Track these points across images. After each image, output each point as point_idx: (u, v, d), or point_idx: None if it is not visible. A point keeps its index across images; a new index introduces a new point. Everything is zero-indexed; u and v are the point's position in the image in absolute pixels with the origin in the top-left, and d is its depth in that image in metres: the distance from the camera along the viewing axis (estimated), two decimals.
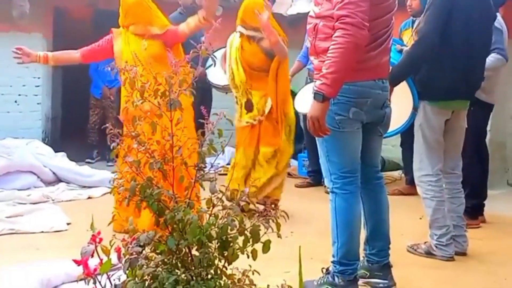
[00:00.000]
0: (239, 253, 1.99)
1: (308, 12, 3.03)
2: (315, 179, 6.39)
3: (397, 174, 6.73)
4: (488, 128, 4.99)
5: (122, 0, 4.25)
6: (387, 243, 3.15)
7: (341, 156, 2.94)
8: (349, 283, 2.94)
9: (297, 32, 6.42)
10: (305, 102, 5.85)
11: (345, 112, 2.85)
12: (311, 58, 3.03)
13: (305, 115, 5.96)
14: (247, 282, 1.99)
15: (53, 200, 5.24)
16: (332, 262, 2.99)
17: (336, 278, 2.95)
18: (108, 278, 1.89)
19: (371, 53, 2.84)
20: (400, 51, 3.84)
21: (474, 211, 4.48)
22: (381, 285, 3.10)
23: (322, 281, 3.02)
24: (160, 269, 1.94)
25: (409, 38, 5.02)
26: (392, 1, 2.91)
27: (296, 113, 6.21)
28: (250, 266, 2.01)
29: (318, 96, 2.66)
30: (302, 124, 6.32)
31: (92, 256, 1.85)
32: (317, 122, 2.68)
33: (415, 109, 3.72)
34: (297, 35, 6.42)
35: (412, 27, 5.23)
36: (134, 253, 1.91)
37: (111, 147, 2.07)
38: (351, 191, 2.94)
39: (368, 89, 2.88)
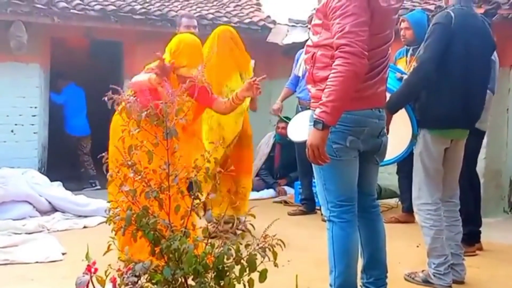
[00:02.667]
0: (235, 283, 1.98)
1: (304, 41, 3.06)
2: (308, 206, 6.39)
3: (393, 201, 6.72)
4: (484, 156, 5.00)
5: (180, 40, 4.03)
6: (384, 271, 3.13)
7: (338, 184, 2.94)
8: None
9: (292, 61, 6.48)
10: (298, 131, 5.88)
11: (342, 141, 2.86)
12: (308, 86, 3.04)
13: (299, 144, 6.02)
14: None
15: (48, 230, 5.21)
16: None
17: None
18: None
19: (369, 82, 2.87)
20: (400, 79, 3.86)
21: (471, 238, 4.46)
22: None
23: None
24: None
25: (406, 66, 5.07)
26: (389, 32, 2.95)
27: (292, 142, 6.26)
28: None
29: (318, 124, 2.67)
30: (296, 153, 6.33)
31: (87, 286, 1.83)
32: (317, 150, 2.69)
33: (414, 137, 3.72)
34: (292, 63, 6.48)
35: (407, 55, 5.28)
36: (129, 283, 1.90)
37: (108, 177, 2.07)
38: (348, 219, 2.92)
39: (365, 118, 2.89)
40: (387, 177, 6.78)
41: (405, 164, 4.57)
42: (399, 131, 3.65)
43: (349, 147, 2.88)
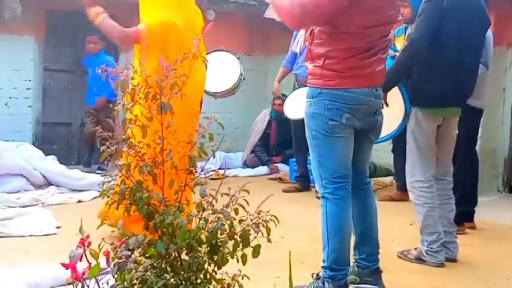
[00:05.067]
0: (229, 258, 1.99)
1: None
2: (302, 184, 6.41)
3: (388, 179, 6.75)
4: (479, 135, 5.01)
5: None
6: (377, 247, 3.15)
7: (333, 161, 2.95)
8: None
9: (289, 37, 6.44)
10: (295, 108, 5.87)
11: (338, 118, 2.87)
12: (306, 63, 3.04)
13: (295, 121, 6.01)
14: (236, 286, 1.98)
15: (42, 203, 5.21)
16: (323, 267, 2.98)
17: (326, 284, 2.94)
18: (97, 282, 1.88)
19: (366, 61, 2.87)
20: (393, 57, 3.85)
21: (462, 217, 4.48)
22: None
23: (312, 287, 3.01)
24: (149, 273, 1.92)
25: (402, 44, 5.05)
26: (393, 13, 2.94)
27: (287, 119, 6.25)
28: (240, 270, 2.00)
29: None
30: (292, 130, 6.33)
31: (81, 259, 1.83)
32: None
33: (407, 115, 3.73)
34: (289, 40, 6.44)
35: (405, 33, 5.25)
36: (123, 257, 1.90)
37: (101, 150, 2.06)
38: (342, 196, 2.94)
39: (362, 96, 2.90)
40: (382, 155, 6.80)
41: (400, 142, 4.58)
42: (392, 109, 3.65)
43: (345, 124, 2.88)
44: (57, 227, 4.39)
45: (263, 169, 7.71)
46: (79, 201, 5.46)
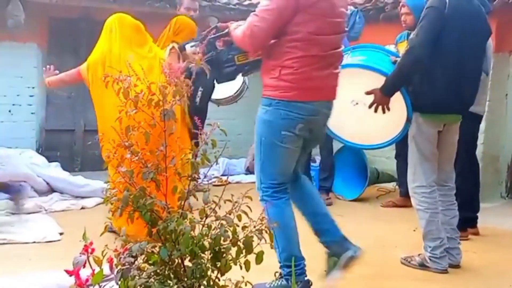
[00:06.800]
0: (232, 264, 1.99)
1: None
2: None
3: (391, 186, 6.73)
4: (482, 141, 5.00)
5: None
6: (331, 220, 3.21)
7: (276, 169, 3.06)
8: (300, 283, 3.00)
9: None
10: None
11: (292, 129, 2.98)
12: (263, 77, 3.20)
13: None
14: None
15: (46, 210, 5.21)
16: (280, 267, 3.04)
17: (287, 281, 3.01)
18: None
19: (321, 73, 2.99)
20: (395, 63, 3.86)
21: (464, 223, 4.46)
22: (350, 253, 3.09)
23: (275, 285, 3.05)
24: (153, 280, 1.93)
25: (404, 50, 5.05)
26: (341, 21, 3.09)
27: None
28: (243, 277, 2.00)
29: None
30: None
31: (84, 266, 1.84)
32: None
33: (409, 120, 3.73)
34: None
35: (408, 39, 5.26)
36: (126, 263, 1.90)
37: (104, 158, 2.07)
38: (280, 197, 3.04)
39: (318, 108, 3.03)
40: (385, 161, 6.79)
41: (403, 148, 4.58)
42: (394, 115, 3.66)
43: (298, 135, 3.00)
44: (61, 234, 4.39)
45: None
46: (83, 208, 5.46)
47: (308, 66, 2.94)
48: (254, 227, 1.99)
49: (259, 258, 1.98)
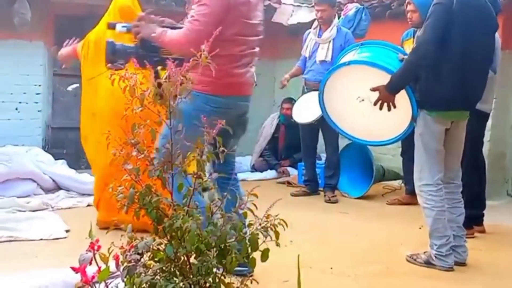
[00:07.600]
0: (237, 262, 1.99)
1: (309, 22, 3.15)
2: (310, 187, 6.39)
3: (396, 183, 6.72)
4: (488, 138, 4.98)
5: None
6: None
7: None
8: None
9: (297, 41, 6.44)
10: (304, 112, 5.87)
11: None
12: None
13: (303, 125, 6.01)
14: None
15: (52, 208, 5.23)
16: None
17: None
18: (106, 286, 1.89)
19: (239, 70, 3.22)
20: (401, 60, 3.85)
21: (470, 220, 4.45)
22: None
23: None
24: (158, 277, 1.93)
25: (410, 48, 5.03)
26: (260, 24, 3.34)
27: (296, 123, 6.25)
28: (248, 274, 2.00)
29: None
30: (300, 134, 6.31)
31: (90, 263, 1.84)
32: None
33: (413, 119, 3.72)
34: (297, 44, 6.44)
35: (414, 37, 5.24)
36: (132, 260, 1.91)
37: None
38: None
39: (233, 101, 3.23)
40: (390, 158, 6.78)
41: (409, 146, 4.56)
42: (399, 113, 3.65)
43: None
44: (67, 231, 4.40)
45: (271, 173, 7.70)
46: (89, 205, 5.46)
47: (229, 64, 3.16)
48: (260, 224, 2.00)
49: (265, 256, 1.99)
